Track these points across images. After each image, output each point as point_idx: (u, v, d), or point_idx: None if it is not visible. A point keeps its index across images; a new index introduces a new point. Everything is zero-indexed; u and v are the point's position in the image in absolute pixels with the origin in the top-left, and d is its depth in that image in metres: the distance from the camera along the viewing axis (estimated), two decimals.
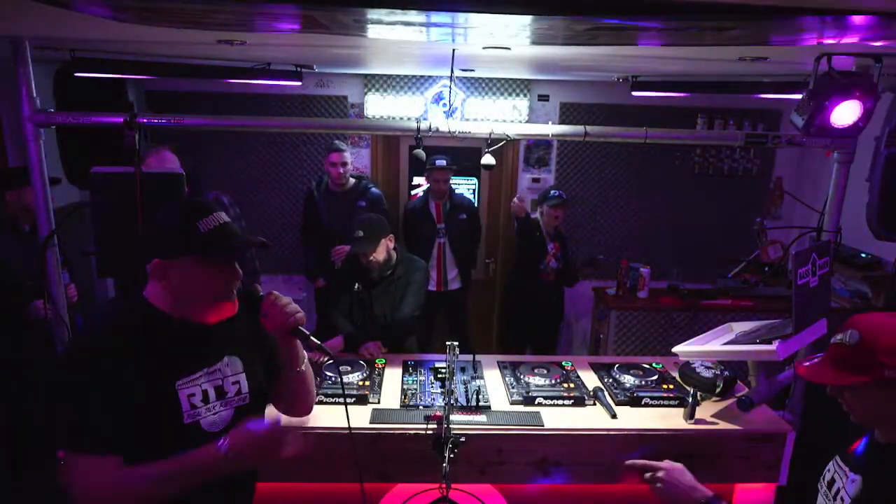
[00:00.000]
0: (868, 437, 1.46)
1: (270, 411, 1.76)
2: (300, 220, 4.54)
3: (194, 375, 1.48)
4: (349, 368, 2.71)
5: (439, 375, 2.70)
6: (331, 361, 1.87)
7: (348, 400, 2.47)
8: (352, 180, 4.27)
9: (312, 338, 1.62)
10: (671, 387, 2.66)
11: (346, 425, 1.69)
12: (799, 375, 1.57)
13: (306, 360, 1.72)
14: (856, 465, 1.46)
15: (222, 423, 1.52)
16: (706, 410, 2.50)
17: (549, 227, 4.14)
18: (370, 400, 2.50)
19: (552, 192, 4.12)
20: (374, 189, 4.30)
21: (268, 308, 1.57)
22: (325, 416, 2.37)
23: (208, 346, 1.53)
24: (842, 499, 1.45)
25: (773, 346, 2.28)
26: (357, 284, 3.12)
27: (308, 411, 1.83)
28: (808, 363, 1.48)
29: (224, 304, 1.51)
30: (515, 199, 4.03)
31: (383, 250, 3.03)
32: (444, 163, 4.18)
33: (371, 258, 3.00)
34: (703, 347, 2.62)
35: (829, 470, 1.53)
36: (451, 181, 4.30)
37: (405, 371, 2.77)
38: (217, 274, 1.47)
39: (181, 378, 1.46)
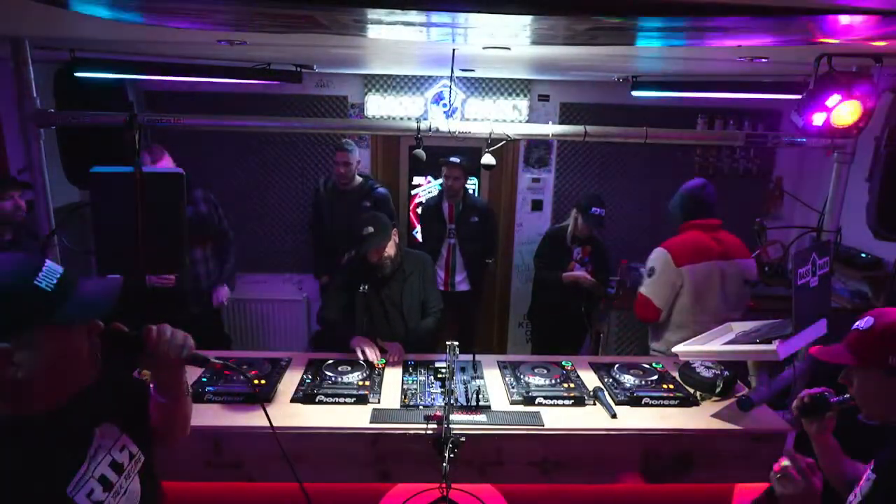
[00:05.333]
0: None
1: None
2: (309, 219, 4.58)
3: (81, 470, 1.22)
4: (349, 368, 2.71)
5: (439, 375, 2.70)
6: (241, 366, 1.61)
7: (348, 400, 2.48)
8: (358, 179, 4.28)
9: (211, 358, 1.47)
10: (671, 387, 2.66)
11: (345, 425, 1.67)
12: (812, 355, 1.60)
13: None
14: (876, 465, 1.48)
15: (135, 497, 1.34)
16: (706, 410, 2.51)
17: (580, 234, 3.95)
18: (370, 400, 2.50)
19: (593, 208, 3.79)
20: (380, 189, 4.31)
21: (154, 346, 1.35)
22: (325, 416, 2.37)
23: (74, 430, 1.26)
24: (855, 493, 1.48)
25: (773, 346, 2.29)
26: (362, 286, 3.09)
27: (184, 435, 1.61)
28: (825, 346, 1.53)
29: (91, 368, 1.24)
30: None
31: (393, 245, 3.00)
32: (456, 159, 4.17)
33: (384, 254, 2.96)
34: (703, 347, 2.62)
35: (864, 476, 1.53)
36: (464, 181, 4.28)
37: (405, 371, 2.77)
38: (78, 336, 1.20)
39: (70, 482, 1.20)
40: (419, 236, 4.85)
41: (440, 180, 4.47)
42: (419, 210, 4.66)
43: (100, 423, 1.31)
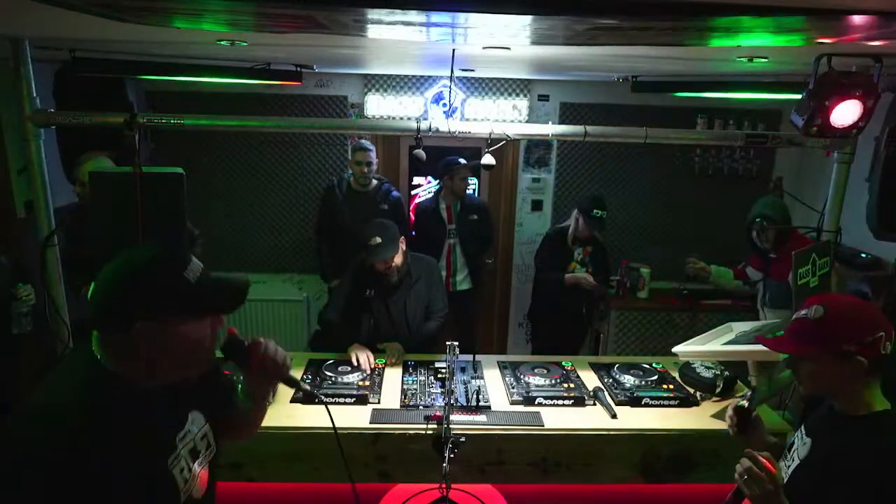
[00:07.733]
0: (828, 407, 1.54)
1: None
2: (317, 222, 4.49)
3: (177, 449, 1.30)
4: (349, 368, 2.71)
5: (439, 375, 2.70)
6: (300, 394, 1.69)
7: (348, 400, 2.48)
8: (374, 181, 4.27)
9: (301, 382, 1.61)
10: (671, 387, 2.66)
11: (345, 425, 1.67)
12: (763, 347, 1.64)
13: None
14: (810, 430, 1.56)
15: (203, 485, 1.38)
16: (706, 410, 2.51)
17: (581, 235, 3.92)
18: (370, 400, 2.50)
19: (595, 211, 3.77)
20: (395, 192, 4.33)
21: (257, 360, 1.44)
22: (325, 417, 2.36)
23: (176, 410, 1.34)
24: (793, 458, 1.56)
25: None
26: (369, 291, 3.05)
27: (249, 438, 1.69)
28: (771, 338, 1.58)
29: (210, 358, 1.33)
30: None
31: (401, 254, 2.97)
32: (471, 164, 4.20)
33: (392, 264, 2.93)
34: (703, 347, 2.62)
35: (794, 436, 1.64)
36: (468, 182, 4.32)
37: (405, 371, 2.77)
38: (206, 327, 1.28)
39: (170, 456, 1.27)
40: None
41: (438, 182, 4.47)
42: (414, 214, 4.64)
43: (192, 409, 1.39)
